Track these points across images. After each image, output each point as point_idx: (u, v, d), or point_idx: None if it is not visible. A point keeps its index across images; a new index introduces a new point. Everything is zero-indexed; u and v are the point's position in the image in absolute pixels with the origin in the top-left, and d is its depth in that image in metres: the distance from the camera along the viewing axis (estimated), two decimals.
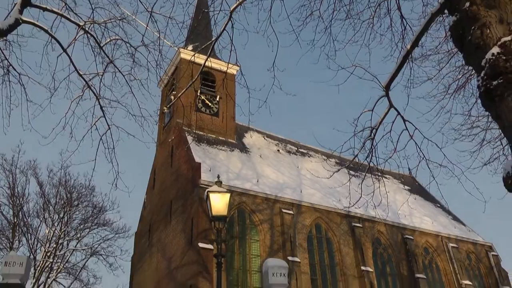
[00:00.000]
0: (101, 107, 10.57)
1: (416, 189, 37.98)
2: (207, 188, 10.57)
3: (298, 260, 24.29)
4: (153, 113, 12.17)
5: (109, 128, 10.69)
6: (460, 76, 11.95)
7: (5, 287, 4.49)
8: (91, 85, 10.36)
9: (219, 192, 9.71)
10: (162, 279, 25.07)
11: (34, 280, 26.01)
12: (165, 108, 29.41)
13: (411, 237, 30.16)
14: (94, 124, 10.65)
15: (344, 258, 26.65)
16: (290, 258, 23.64)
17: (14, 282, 4.53)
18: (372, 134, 10.39)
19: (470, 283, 30.83)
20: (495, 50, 4.35)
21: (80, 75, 10.19)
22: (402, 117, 10.06)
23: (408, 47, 7.89)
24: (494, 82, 4.56)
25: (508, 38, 4.33)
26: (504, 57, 4.41)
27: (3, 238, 27.30)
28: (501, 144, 12.92)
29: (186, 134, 27.53)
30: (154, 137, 27.50)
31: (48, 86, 10.36)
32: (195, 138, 27.73)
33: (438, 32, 10.99)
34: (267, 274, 4.34)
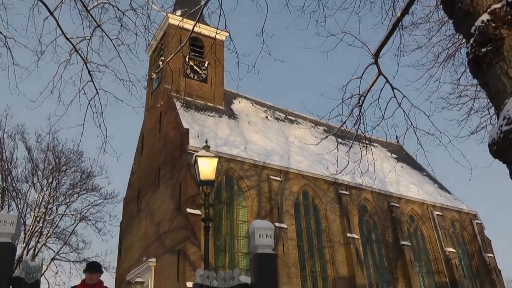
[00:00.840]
0: (89, 72, 10.45)
1: (404, 157, 38.30)
2: (195, 153, 10.59)
3: (285, 226, 24.56)
4: (141, 78, 12.03)
5: (97, 93, 10.57)
6: (450, 45, 11.92)
7: None
8: (79, 49, 10.20)
9: (207, 156, 9.74)
10: (150, 244, 25.27)
11: (24, 245, 26.10)
12: (154, 73, 29.17)
13: (397, 204, 30.55)
14: (82, 88, 10.52)
15: (331, 225, 26.98)
16: (277, 224, 23.88)
17: (6, 241, 4.55)
18: (360, 102, 10.41)
19: (454, 250, 31.43)
20: (485, 17, 4.35)
21: (67, 39, 10.02)
22: (391, 85, 10.08)
23: (398, 14, 7.85)
24: (483, 49, 4.56)
25: (498, 5, 4.32)
26: (494, 24, 4.40)
27: None
28: (489, 113, 12.98)
29: (175, 100, 27.40)
30: (142, 102, 27.38)
31: (35, 50, 10.17)
32: (184, 104, 27.61)
33: (429, 1, 10.93)
34: (254, 235, 4.39)
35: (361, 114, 10.54)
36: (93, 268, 6.97)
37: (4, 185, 27.56)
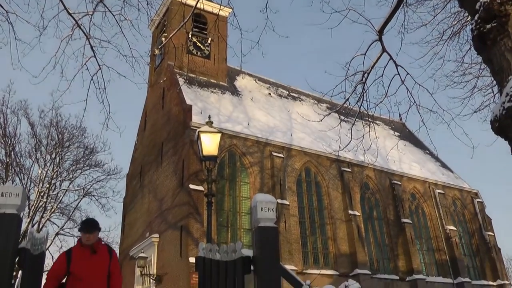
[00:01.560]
0: (91, 47, 10.43)
1: (406, 135, 38.30)
2: (198, 129, 10.60)
3: (287, 203, 24.69)
4: (144, 54, 12.05)
5: (100, 68, 10.56)
6: (455, 23, 11.85)
7: (2, 216, 4.57)
8: (81, 25, 10.17)
9: (210, 132, 9.76)
10: (153, 220, 25.46)
11: (29, 220, 26.31)
12: (156, 50, 29.00)
13: (399, 182, 30.65)
14: (85, 64, 10.50)
15: (333, 202, 27.12)
16: (279, 200, 23.99)
17: (11, 212, 4.61)
18: (364, 78, 10.41)
19: (454, 228, 31.64)
20: None
21: (70, 14, 9.98)
22: (395, 62, 10.06)
23: None
24: (488, 26, 4.55)
25: None
26: (499, 1, 4.39)
27: None
28: (492, 91, 12.95)
29: (178, 76, 27.33)
30: (145, 78, 27.25)
31: (37, 25, 10.15)
32: (187, 80, 27.55)
33: None
34: (256, 208, 4.44)
35: (364, 91, 10.55)
36: (89, 227, 5.93)
37: (8, 160, 27.67)
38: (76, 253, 5.76)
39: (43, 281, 5.59)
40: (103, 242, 6.13)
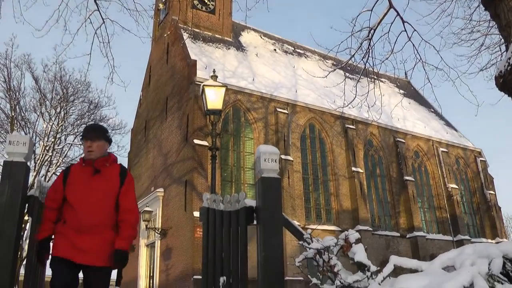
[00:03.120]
0: (94, 0, 10.33)
1: (411, 93, 38.08)
2: (203, 83, 10.58)
3: (291, 158, 24.84)
4: (148, 8, 11.88)
5: (104, 22, 10.48)
6: None
7: (10, 164, 4.65)
8: None
9: (214, 86, 9.76)
10: (158, 174, 25.72)
11: (35, 173, 26.55)
12: (161, 4, 28.65)
13: (402, 140, 30.69)
14: (88, 17, 10.42)
15: (336, 158, 27.25)
16: (283, 156, 24.13)
17: (19, 160, 4.68)
18: (370, 35, 10.32)
19: (456, 186, 31.85)
20: None
21: None
22: (402, 18, 9.95)
23: None
24: None
25: None
26: None
27: (2, 132, 27.50)
28: (500, 50, 12.84)
29: (182, 31, 27.08)
30: (149, 32, 27.03)
31: None
32: (191, 35, 27.31)
33: None
34: (259, 159, 4.49)
35: (370, 48, 10.48)
36: (91, 131, 4.35)
37: (13, 114, 27.72)
38: (74, 172, 4.28)
39: None
40: (116, 161, 4.45)
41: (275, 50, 33.00)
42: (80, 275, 4.04)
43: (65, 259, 3.92)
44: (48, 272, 4.38)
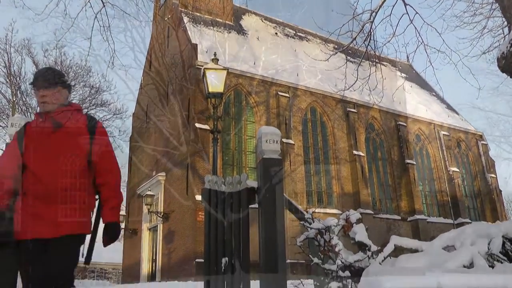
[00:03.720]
0: None
1: (413, 77, 37.95)
2: (204, 66, 10.56)
3: (292, 142, 24.86)
4: None
5: (104, 6, 10.46)
6: None
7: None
8: None
9: (215, 69, 9.74)
10: (160, 158, 25.76)
11: None
12: None
13: (404, 123, 30.66)
14: (89, 1, 10.40)
15: (337, 142, 27.25)
16: (284, 140, 24.11)
17: None
18: (372, 18, 10.29)
19: (457, 170, 31.89)
20: None
21: None
22: (403, 0, 9.91)
23: None
24: None
25: None
26: None
27: (3, 117, 27.54)
28: (503, 32, 12.80)
29: (183, 15, 26.94)
30: (150, 16, 26.95)
31: None
32: (192, 19, 27.17)
33: None
34: (260, 140, 4.50)
35: (372, 31, 10.46)
36: (41, 77, 3.44)
37: (14, 99, 27.77)
38: (30, 131, 3.42)
39: None
40: (81, 111, 3.67)
41: (276, 33, 32.84)
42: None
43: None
44: None
